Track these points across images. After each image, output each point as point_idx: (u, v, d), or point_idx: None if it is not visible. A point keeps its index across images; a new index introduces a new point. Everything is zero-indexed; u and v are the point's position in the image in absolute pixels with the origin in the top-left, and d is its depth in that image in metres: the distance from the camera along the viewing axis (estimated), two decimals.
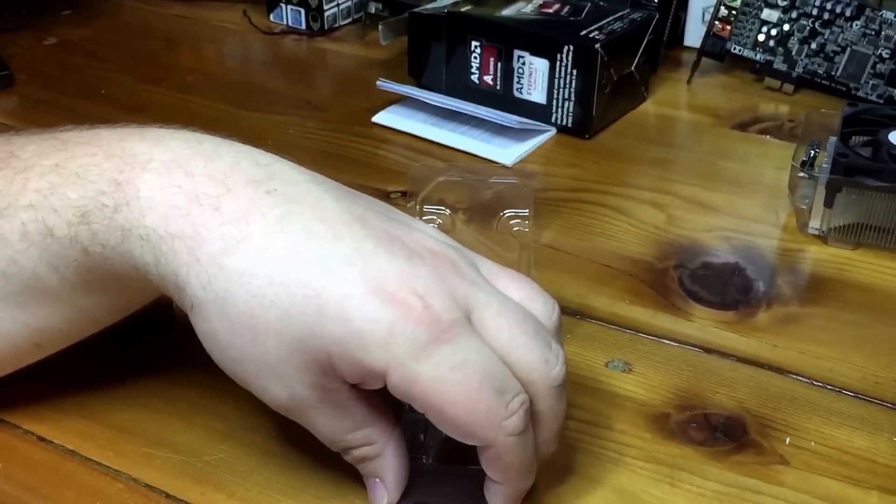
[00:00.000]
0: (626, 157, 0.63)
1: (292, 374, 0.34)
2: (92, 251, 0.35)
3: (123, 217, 0.35)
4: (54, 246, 0.36)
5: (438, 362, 0.32)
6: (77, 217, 0.35)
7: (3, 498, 0.38)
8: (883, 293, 0.49)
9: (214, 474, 0.39)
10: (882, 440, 0.40)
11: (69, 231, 0.35)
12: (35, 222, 0.36)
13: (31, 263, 0.36)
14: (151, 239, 0.34)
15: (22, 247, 0.36)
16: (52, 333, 0.39)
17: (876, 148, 0.51)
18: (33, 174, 0.36)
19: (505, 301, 0.35)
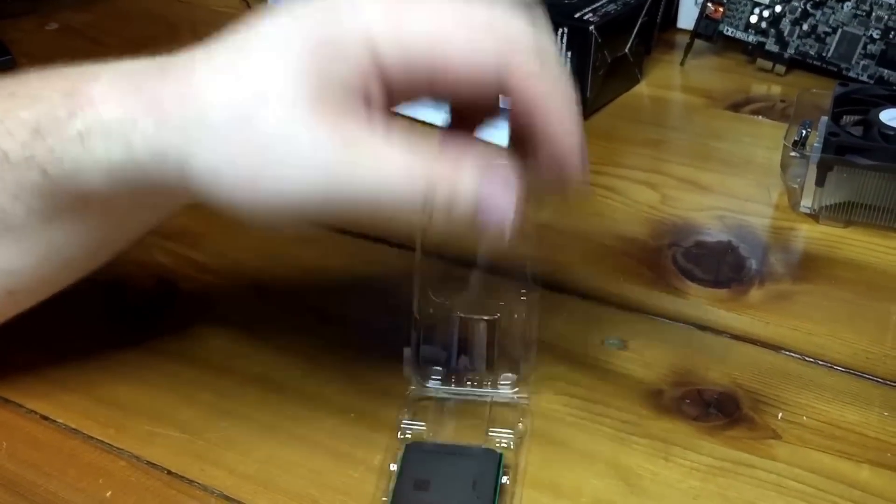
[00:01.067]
0: (619, 137, 0.63)
1: (304, 133, 0.30)
2: (51, 171, 0.34)
3: (80, 122, 0.33)
4: (12, 172, 0.34)
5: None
6: (30, 134, 0.33)
7: (7, 476, 0.38)
8: (873, 270, 0.50)
9: (215, 451, 0.39)
10: (873, 415, 0.41)
11: (24, 152, 0.33)
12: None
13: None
14: (114, 130, 0.32)
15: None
16: (25, 278, 0.37)
17: (867, 127, 0.52)
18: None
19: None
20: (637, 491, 0.38)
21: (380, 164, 0.31)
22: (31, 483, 0.38)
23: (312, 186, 0.31)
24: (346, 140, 0.31)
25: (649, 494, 0.37)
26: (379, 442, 0.40)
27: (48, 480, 0.38)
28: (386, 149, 0.31)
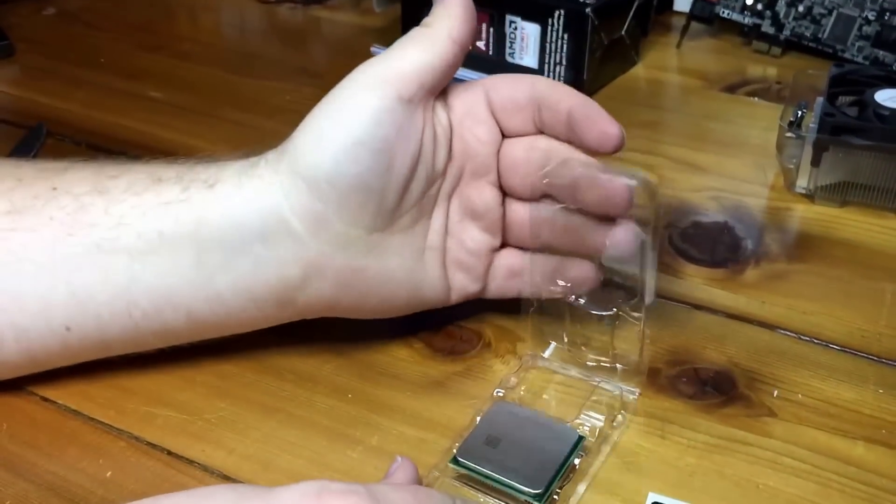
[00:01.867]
0: (616, 119, 0.63)
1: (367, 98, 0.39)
2: (193, 188, 0.39)
3: (225, 158, 0.41)
4: (156, 190, 0.39)
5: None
6: (190, 165, 0.40)
7: (8, 456, 0.38)
8: (868, 249, 0.50)
9: (214, 432, 0.40)
10: (868, 392, 0.41)
11: (177, 174, 0.39)
12: (144, 178, 0.39)
13: (121, 211, 0.39)
14: (245, 168, 0.40)
15: (122, 197, 0.39)
16: (87, 318, 0.39)
17: (862, 107, 0.52)
18: (154, 160, 0.41)
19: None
20: (633, 468, 0.38)
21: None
22: (32, 463, 0.38)
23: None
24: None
25: (646, 472, 0.38)
26: (375, 422, 0.40)
27: (49, 461, 0.38)
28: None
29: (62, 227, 0.38)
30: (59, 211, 0.38)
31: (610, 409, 0.40)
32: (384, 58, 0.39)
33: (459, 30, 0.39)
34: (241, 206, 0.38)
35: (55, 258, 0.38)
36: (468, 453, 0.37)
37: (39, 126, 0.64)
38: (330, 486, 0.28)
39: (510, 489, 0.36)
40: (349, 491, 0.28)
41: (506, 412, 0.39)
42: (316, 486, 0.28)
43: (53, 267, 0.38)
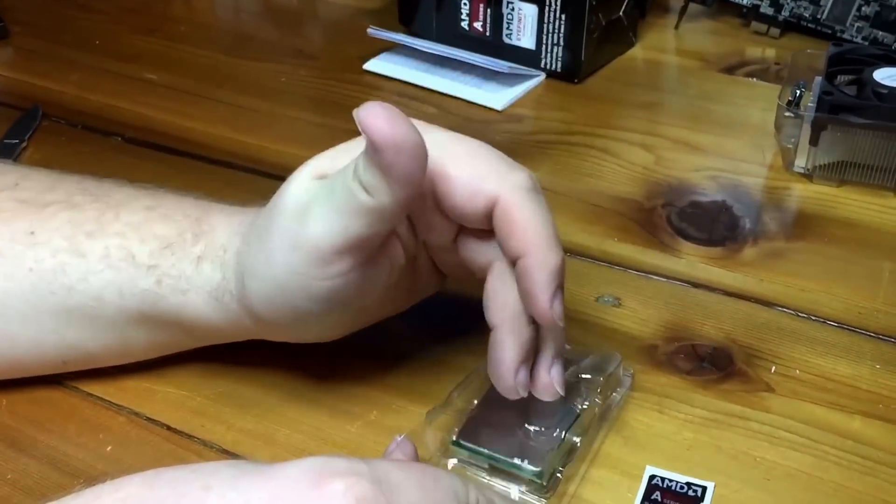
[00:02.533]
0: (614, 100, 0.64)
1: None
2: (165, 283, 0.37)
3: (201, 247, 0.38)
4: (130, 272, 0.38)
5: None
6: (161, 248, 0.38)
7: (9, 432, 0.38)
8: (866, 228, 0.50)
9: (214, 407, 0.40)
10: (865, 367, 0.42)
11: (150, 260, 0.38)
12: (119, 248, 0.38)
13: (100, 284, 0.38)
14: (219, 255, 0.37)
15: (98, 267, 0.38)
16: (83, 356, 0.40)
17: (861, 86, 0.52)
18: (125, 211, 0.39)
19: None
20: (631, 443, 0.38)
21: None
22: (32, 438, 0.38)
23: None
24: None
25: (644, 446, 0.38)
26: (374, 398, 0.40)
27: (49, 436, 0.38)
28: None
29: (42, 282, 0.38)
30: (37, 264, 0.38)
31: (606, 387, 0.39)
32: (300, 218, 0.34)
33: (404, 193, 0.32)
34: (217, 321, 0.38)
35: (40, 312, 0.38)
36: (468, 435, 0.37)
37: (35, 108, 0.64)
38: (332, 464, 0.27)
39: (512, 468, 0.36)
40: (351, 472, 0.27)
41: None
42: (318, 464, 0.27)
43: (39, 319, 0.38)
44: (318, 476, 0.26)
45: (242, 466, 0.28)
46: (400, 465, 0.29)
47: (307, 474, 0.27)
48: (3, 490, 0.36)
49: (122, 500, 0.26)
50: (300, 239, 0.34)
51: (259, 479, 0.27)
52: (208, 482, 0.26)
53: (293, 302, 0.35)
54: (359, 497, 0.26)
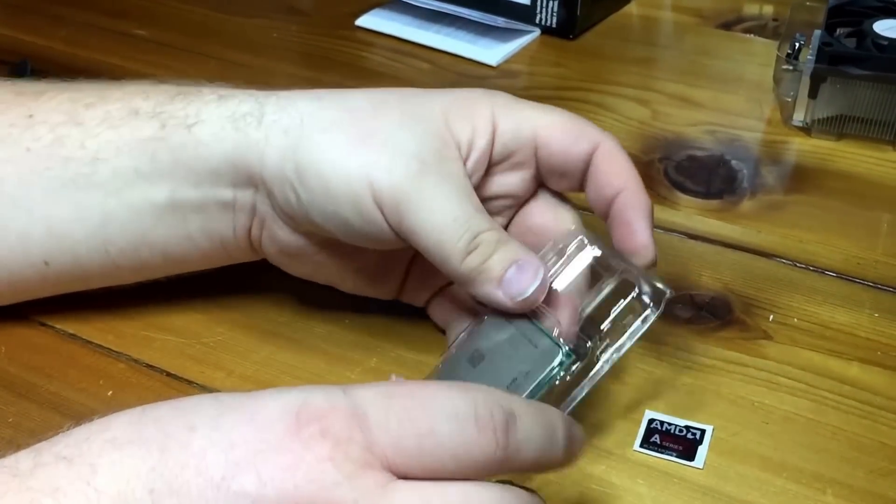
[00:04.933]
0: (610, 56, 0.63)
1: (414, 135, 0.35)
2: (170, 125, 0.37)
3: (221, 91, 0.37)
4: (131, 125, 0.37)
5: (534, 105, 0.38)
6: (169, 98, 0.37)
7: (9, 377, 0.38)
8: (864, 181, 0.50)
9: (213, 354, 0.40)
10: (863, 316, 0.42)
11: (154, 109, 0.37)
12: (120, 109, 0.37)
13: (96, 146, 0.37)
14: (252, 95, 0.37)
15: (97, 131, 0.37)
16: (65, 252, 0.38)
17: (860, 38, 0.52)
18: (130, 84, 0.38)
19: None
20: (631, 388, 0.38)
21: (463, 191, 0.35)
22: (33, 384, 0.38)
23: (400, 170, 0.34)
24: (444, 156, 0.35)
25: (643, 391, 0.38)
26: (374, 346, 0.40)
27: (49, 381, 0.38)
28: (470, 188, 0.35)
29: (38, 160, 0.37)
30: (35, 142, 0.37)
31: (625, 314, 0.35)
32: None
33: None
34: (219, 156, 0.36)
35: (32, 193, 0.37)
36: (449, 373, 0.35)
37: (24, 62, 0.63)
38: (309, 403, 0.26)
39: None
40: (330, 408, 0.26)
41: (496, 324, 0.35)
42: (296, 401, 0.27)
43: (31, 202, 0.37)
44: (296, 420, 0.26)
45: (224, 401, 0.28)
46: (385, 392, 0.28)
47: (285, 419, 0.26)
48: (6, 432, 0.36)
49: (111, 440, 0.26)
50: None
51: (241, 418, 0.26)
52: (192, 421, 0.26)
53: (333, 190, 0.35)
54: (337, 438, 0.26)
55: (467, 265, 0.34)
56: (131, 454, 0.26)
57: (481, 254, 0.34)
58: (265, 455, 0.25)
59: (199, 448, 0.26)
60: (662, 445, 0.36)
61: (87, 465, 0.25)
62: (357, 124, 0.35)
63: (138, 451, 0.26)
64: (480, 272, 0.34)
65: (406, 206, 0.34)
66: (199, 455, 0.26)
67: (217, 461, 0.25)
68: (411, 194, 0.34)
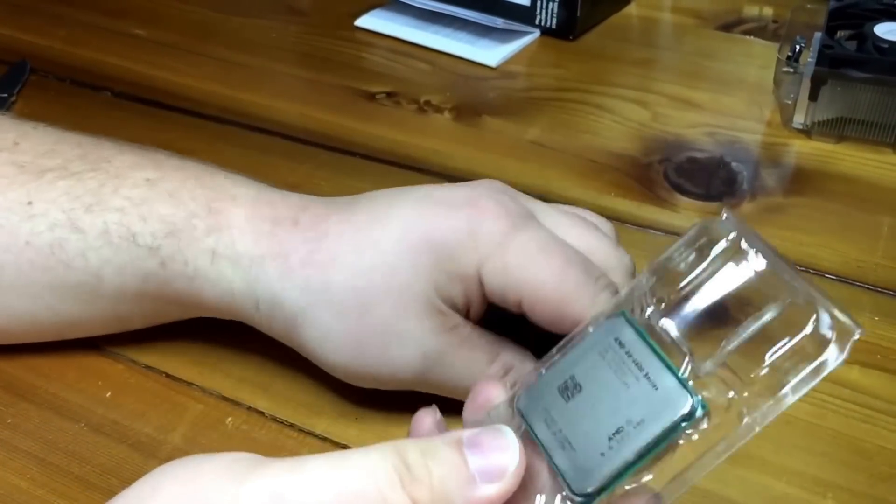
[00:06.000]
0: (610, 57, 0.63)
1: (414, 326, 0.34)
2: (171, 268, 0.36)
3: (214, 241, 0.36)
4: (131, 252, 0.36)
5: (523, 246, 0.34)
6: (165, 231, 0.36)
7: (10, 378, 0.38)
8: (865, 183, 0.50)
9: (212, 357, 0.40)
10: (864, 319, 0.42)
11: (153, 242, 0.36)
12: (119, 226, 0.36)
13: (98, 262, 0.36)
14: (242, 263, 0.35)
15: (97, 244, 0.36)
16: (79, 328, 0.39)
17: (861, 41, 0.52)
18: (126, 183, 0.37)
19: (563, 209, 0.38)
20: None
21: (470, 352, 0.35)
22: (31, 385, 0.38)
23: (411, 365, 0.35)
24: (446, 331, 0.34)
25: None
26: None
27: (48, 382, 0.38)
28: (476, 339, 0.35)
29: (39, 256, 0.36)
30: (34, 238, 0.36)
31: (789, 356, 0.24)
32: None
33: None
34: (227, 312, 0.37)
35: (36, 286, 0.37)
36: (533, 400, 0.27)
37: (23, 62, 0.63)
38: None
39: (558, 473, 0.26)
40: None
41: (611, 342, 0.26)
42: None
43: (35, 294, 0.37)
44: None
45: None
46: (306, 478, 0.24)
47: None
48: (5, 433, 0.36)
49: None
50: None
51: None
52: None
53: (373, 370, 0.35)
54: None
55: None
56: None
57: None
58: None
59: None
60: None
61: None
62: (350, 332, 0.34)
63: None
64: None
65: (434, 378, 0.35)
66: None
67: None
68: (428, 376, 0.35)
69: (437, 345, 0.34)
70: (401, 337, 0.34)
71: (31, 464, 0.35)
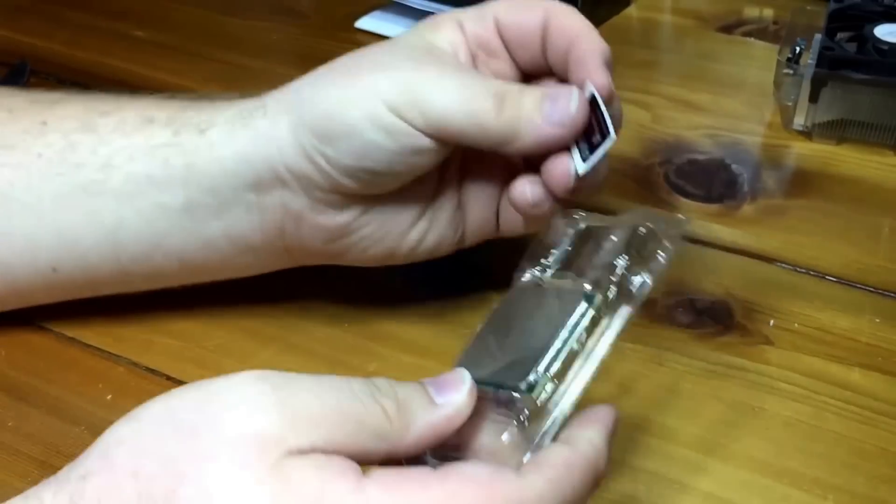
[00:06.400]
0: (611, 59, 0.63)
1: (404, 42, 0.38)
2: (183, 133, 0.37)
3: (224, 105, 0.38)
4: (145, 132, 0.37)
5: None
6: (183, 107, 0.38)
7: (8, 381, 0.38)
8: (865, 185, 0.50)
9: (213, 358, 0.40)
10: (864, 321, 0.42)
11: (167, 120, 0.37)
12: (135, 117, 0.38)
13: (108, 152, 0.37)
14: (248, 103, 0.37)
15: (110, 137, 0.37)
16: (74, 259, 0.38)
17: (861, 43, 0.52)
18: (147, 96, 0.39)
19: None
20: (632, 394, 0.38)
21: (464, 67, 0.37)
22: (33, 388, 0.38)
23: (400, 70, 0.35)
24: (435, 53, 0.36)
25: (644, 396, 0.38)
26: (373, 350, 0.40)
27: (49, 385, 0.38)
28: (457, 71, 0.36)
29: (50, 165, 0.37)
30: (47, 148, 0.37)
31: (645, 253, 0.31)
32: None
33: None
34: (232, 156, 0.36)
35: (42, 198, 0.37)
36: (474, 356, 0.31)
37: (23, 64, 0.63)
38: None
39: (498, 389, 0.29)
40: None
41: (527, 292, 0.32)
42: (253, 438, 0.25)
43: (40, 207, 0.37)
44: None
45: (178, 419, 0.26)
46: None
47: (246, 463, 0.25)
48: (6, 436, 0.36)
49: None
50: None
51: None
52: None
53: (351, 122, 0.35)
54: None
55: (504, 119, 0.35)
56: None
57: (511, 103, 0.35)
58: None
59: None
60: None
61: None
62: (345, 66, 0.37)
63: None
64: (519, 119, 0.35)
65: (422, 99, 0.34)
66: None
67: None
68: (421, 86, 0.35)
69: (424, 55, 0.36)
70: (389, 58, 0.36)
71: (33, 467, 0.35)
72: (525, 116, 0.35)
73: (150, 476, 0.25)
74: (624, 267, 0.30)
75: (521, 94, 0.35)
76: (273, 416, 0.26)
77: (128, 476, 0.25)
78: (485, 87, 0.35)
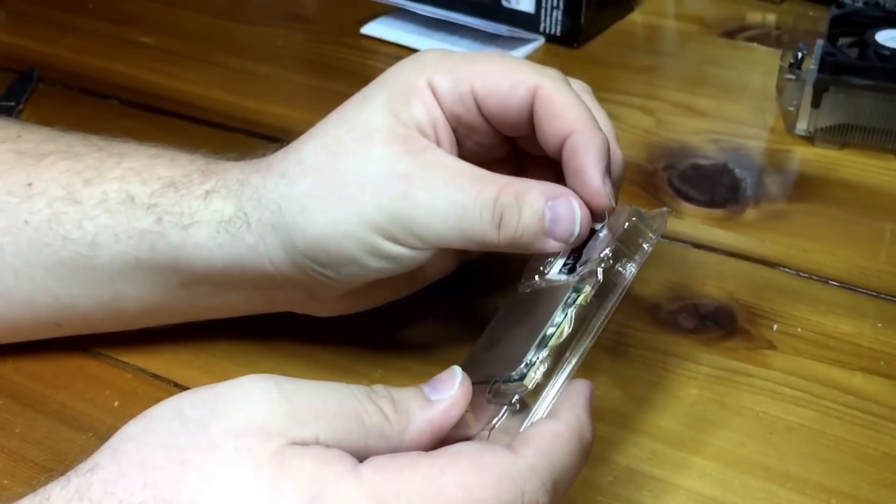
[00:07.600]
0: (614, 64, 0.63)
1: (381, 152, 0.34)
2: (166, 221, 0.36)
3: (209, 185, 0.36)
4: (128, 213, 0.36)
5: (464, 54, 0.37)
6: (163, 187, 0.36)
7: (17, 388, 0.39)
8: (868, 190, 0.51)
9: (220, 365, 0.40)
10: (867, 325, 0.42)
11: (150, 199, 0.36)
12: (118, 192, 0.36)
13: (94, 230, 0.36)
14: (232, 187, 0.36)
15: (94, 213, 0.36)
16: (77, 317, 0.39)
17: (863, 48, 0.52)
18: (128, 158, 0.38)
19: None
20: (635, 399, 0.38)
21: (452, 174, 0.34)
22: (39, 394, 0.38)
23: (387, 198, 0.33)
24: (416, 153, 0.34)
25: (648, 402, 0.38)
26: (379, 356, 0.40)
27: (55, 392, 0.38)
28: (456, 163, 0.34)
29: (37, 233, 0.37)
30: (32, 216, 0.37)
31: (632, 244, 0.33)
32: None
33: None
34: (223, 260, 0.36)
35: (33, 266, 0.37)
36: (467, 367, 0.32)
37: (30, 71, 0.63)
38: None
39: (493, 384, 0.32)
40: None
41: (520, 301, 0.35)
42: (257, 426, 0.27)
43: (34, 274, 0.37)
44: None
45: (186, 416, 0.27)
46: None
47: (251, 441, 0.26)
48: (13, 443, 0.36)
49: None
50: (404, 215, 0.33)
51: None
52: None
53: (349, 255, 0.34)
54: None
55: (505, 236, 0.33)
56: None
57: (510, 219, 0.33)
58: None
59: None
60: None
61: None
62: (324, 184, 0.34)
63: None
64: (522, 234, 0.33)
65: (416, 224, 0.33)
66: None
67: None
68: (413, 212, 0.33)
69: (408, 167, 0.33)
70: (370, 171, 0.34)
71: (40, 474, 0.35)
72: (526, 235, 0.33)
73: (157, 466, 0.26)
74: (610, 258, 0.33)
75: (521, 205, 0.33)
76: (277, 410, 0.27)
77: (134, 467, 0.26)
78: (479, 201, 0.33)
